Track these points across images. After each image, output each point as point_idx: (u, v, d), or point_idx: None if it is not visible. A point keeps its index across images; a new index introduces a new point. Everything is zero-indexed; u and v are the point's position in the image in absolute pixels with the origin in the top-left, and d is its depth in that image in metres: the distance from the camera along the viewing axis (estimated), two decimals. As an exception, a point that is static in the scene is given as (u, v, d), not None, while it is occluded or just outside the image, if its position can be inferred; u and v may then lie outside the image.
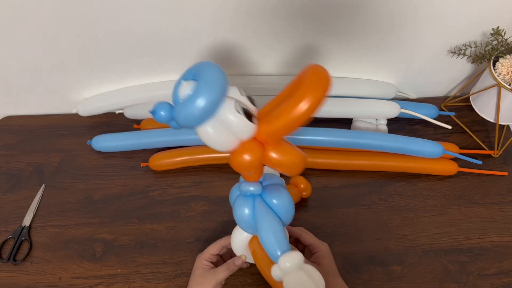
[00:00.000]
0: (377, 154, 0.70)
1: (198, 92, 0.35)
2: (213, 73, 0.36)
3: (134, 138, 0.72)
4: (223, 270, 0.51)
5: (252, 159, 0.39)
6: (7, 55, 0.68)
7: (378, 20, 0.65)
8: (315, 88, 0.35)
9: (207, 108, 0.36)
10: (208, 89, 0.35)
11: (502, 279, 0.59)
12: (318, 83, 0.35)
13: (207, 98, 0.35)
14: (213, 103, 0.36)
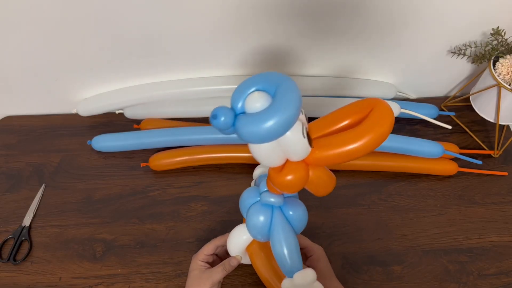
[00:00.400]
0: (377, 154, 0.70)
1: (274, 112, 0.32)
2: (292, 92, 0.33)
3: (134, 138, 0.72)
4: (219, 270, 0.51)
5: (296, 179, 0.38)
6: (7, 55, 0.68)
7: (378, 20, 0.65)
8: (380, 126, 0.32)
9: (278, 131, 0.33)
10: (286, 111, 0.32)
11: (502, 279, 0.59)
12: (384, 120, 0.32)
13: (282, 120, 0.32)
14: (286, 126, 0.33)
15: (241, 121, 0.33)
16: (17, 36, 0.64)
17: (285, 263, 0.45)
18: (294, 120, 0.33)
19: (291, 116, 0.32)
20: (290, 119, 0.32)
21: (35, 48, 0.67)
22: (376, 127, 0.33)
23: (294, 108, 0.32)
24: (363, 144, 0.33)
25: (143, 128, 0.75)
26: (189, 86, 0.74)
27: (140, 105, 0.76)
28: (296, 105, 0.33)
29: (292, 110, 0.32)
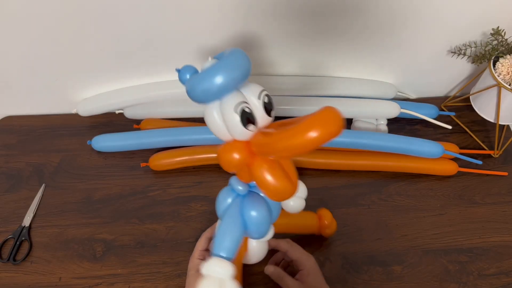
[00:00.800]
0: (377, 154, 0.70)
1: (210, 69, 0.37)
2: (231, 56, 0.37)
3: (134, 138, 0.72)
4: None
5: (233, 158, 0.39)
6: (7, 55, 0.68)
7: (378, 20, 0.65)
8: (324, 124, 0.32)
9: (210, 88, 0.37)
10: (219, 69, 0.36)
11: (502, 279, 0.59)
12: (328, 119, 0.32)
13: (220, 75, 0.36)
14: (218, 85, 0.37)
15: (193, 78, 0.39)
16: (17, 36, 0.64)
17: (216, 244, 0.44)
18: (226, 81, 0.36)
19: (224, 74, 0.36)
20: (222, 77, 0.36)
21: (35, 48, 0.67)
22: (322, 121, 0.32)
23: (226, 68, 0.37)
24: (306, 137, 0.32)
25: (143, 128, 0.75)
26: (189, 86, 0.74)
27: (140, 105, 0.76)
28: (233, 64, 0.37)
29: (224, 69, 0.36)
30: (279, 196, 0.40)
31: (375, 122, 0.75)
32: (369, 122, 0.75)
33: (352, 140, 0.68)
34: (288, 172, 0.39)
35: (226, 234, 0.44)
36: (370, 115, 0.74)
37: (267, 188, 0.39)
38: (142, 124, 0.76)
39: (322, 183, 0.70)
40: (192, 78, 0.39)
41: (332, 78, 0.76)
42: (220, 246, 0.43)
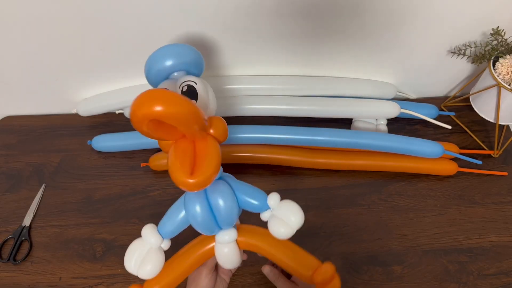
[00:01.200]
0: (377, 154, 0.70)
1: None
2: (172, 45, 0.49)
3: (134, 138, 0.72)
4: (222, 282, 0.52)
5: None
6: (7, 55, 0.68)
7: (378, 20, 0.65)
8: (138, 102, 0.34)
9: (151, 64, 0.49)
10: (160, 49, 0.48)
11: (502, 279, 0.59)
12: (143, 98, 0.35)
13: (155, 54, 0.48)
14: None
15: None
16: (17, 36, 0.64)
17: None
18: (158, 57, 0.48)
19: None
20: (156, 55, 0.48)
21: (35, 48, 0.67)
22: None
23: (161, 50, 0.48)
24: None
25: (143, 128, 0.75)
26: (189, 86, 0.74)
27: (140, 105, 0.75)
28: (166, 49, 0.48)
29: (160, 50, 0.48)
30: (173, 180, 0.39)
31: (375, 122, 0.75)
32: (369, 122, 0.75)
33: (352, 140, 0.68)
34: (196, 159, 0.39)
35: (171, 218, 0.47)
36: (370, 115, 0.74)
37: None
38: (142, 124, 0.75)
39: (322, 183, 0.70)
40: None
41: (332, 78, 0.76)
42: (164, 225, 0.47)
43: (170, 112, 0.34)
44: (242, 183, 0.47)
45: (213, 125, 0.42)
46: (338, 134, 0.68)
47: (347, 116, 0.74)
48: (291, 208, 0.46)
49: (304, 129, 0.69)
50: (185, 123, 0.36)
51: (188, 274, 0.50)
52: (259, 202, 0.46)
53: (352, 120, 0.76)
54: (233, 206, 0.45)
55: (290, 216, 0.46)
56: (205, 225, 0.45)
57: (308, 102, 0.73)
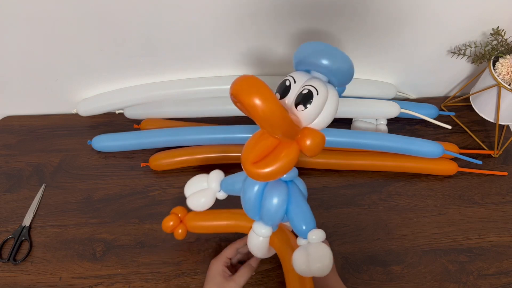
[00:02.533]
0: (377, 154, 0.70)
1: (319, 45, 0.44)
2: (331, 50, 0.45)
3: (134, 138, 0.72)
4: (244, 273, 0.52)
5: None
6: (7, 55, 0.68)
7: (378, 20, 0.65)
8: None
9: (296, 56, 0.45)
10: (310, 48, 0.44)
11: (502, 279, 0.59)
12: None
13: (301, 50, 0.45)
14: (296, 56, 0.45)
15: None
16: (17, 36, 0.64)
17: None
18: (298, 56, 0.44)
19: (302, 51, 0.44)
20: (299, 52, 0.45)
21: (35, 48, 0.67)
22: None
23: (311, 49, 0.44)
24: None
25: (143, 128, 0.75)
26: (189, 86, 0.74)
27: (140, 105, 0.76)
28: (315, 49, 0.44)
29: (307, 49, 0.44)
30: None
31: (375, 122, 0.75)
32: (369, 122, 0.75)
33: (352, 140, 0.68)
34: (270, 154, 0.41)
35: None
36: (370, 115, 0.74)
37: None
38: (142, 124, 0.76)
39: (322, 183, 0.70)
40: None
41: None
42: (226, 181, 0.52)
43: (255, 107, 0.35)
44: (303, 200, 0.48)
45: (305, 137, 0.41)
46: (338, 134, 0.68)
47: (347, 116, 0.74)
48: (323, 255, 0.44)
49: (304, 129, 0.69)
50: (268, 126, 0.38)
51: (218, 231, 0.60)
52: (303, 224, 0.46)
53: (352, 120, 0.76)
54: (278, 211, 0.47)
55: (316, 262, 0.43)
56: (249, 209, 0.49)
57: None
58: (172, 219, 0.57)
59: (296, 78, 0.42)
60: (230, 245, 0.55)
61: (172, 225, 0.57)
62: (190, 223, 0.58)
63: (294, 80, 0.42)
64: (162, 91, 0.74)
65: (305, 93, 0.40)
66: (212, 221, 0.58)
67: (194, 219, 0.58)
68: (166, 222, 0.57)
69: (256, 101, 0.35)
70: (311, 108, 0.40)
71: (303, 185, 0.51)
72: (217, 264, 0.52)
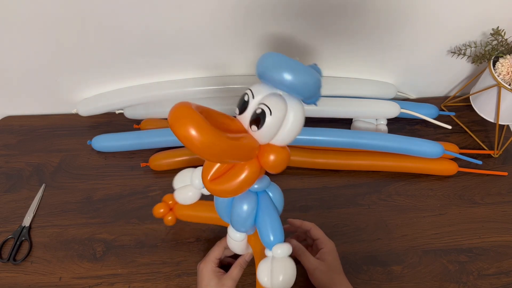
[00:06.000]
0: (377, 154, 0.70)
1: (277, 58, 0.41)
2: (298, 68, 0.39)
3: (134, 138, 0.72)
4: (235, 268, 0.52)
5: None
6: (7, 55, 0.68)
7: (378, 20, 0.65)
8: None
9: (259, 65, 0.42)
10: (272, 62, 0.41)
11: (502, 279, 0.59)
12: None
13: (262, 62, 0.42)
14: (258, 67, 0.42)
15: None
16: (17, 36, 0.64)
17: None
18: (260, 68, 0.40)
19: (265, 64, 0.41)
20: (261, 63, 0.42)
21: (35, 48, 0.67)
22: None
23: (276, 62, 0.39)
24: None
25: (143, 128, 0.75)
26: (189, 86, 0.74)
27: (140, 105, 0.76)
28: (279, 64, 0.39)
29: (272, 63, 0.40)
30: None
31: (375, 122, 0.75)
32: (369, 122, 0.75)
33: (352, 140, 0.68)
34: (228, 171, 0.40)
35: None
36: (370, 115, 0.74)
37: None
38: (142, 124, 0.76)
39: (322, 183, 0.70)
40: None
41: (332, 78, 0.76)
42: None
43: (200, 148, 0.33)
44: (274, 211, 0.47)
45: (264, 154, 0.39)
46: (338, 134, 0.68)
47: (347, 116, 0.74)
48: (287, 269, 0.44)
49: (304, 129, 0.68)
50: (208, 157, 0.36)
51: (205, 222, 0.62)
52: (268, 236, 0.46)
53: (352, 120, 0.76)
54: (247, 219, 0.46)
55: (279, 275, 0.44)
56: (222, 213, 0.50)
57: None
58: (162, 207, 0.59)
59: (255, 92, 0.39)
60: (216, 244, 0.55)
61: (163, 212, 0.59)
62: (179, 212, 0.60)
63: (252, 95, 0.39)
64: (162, 91, 0.74)
65: (259, 112, 0.37)
66: (201, 212, 0.60)
67: (183, 208, 0.60)
68: (156, 208, 0.59)
69: (191, 133, 0.32)
70: (265, 129, 0.37)
71: (279, 195, 0.49)
72: (207, 266, 0.52)
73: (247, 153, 0.38)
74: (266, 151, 0.39)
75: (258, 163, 0.40)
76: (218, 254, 0.54)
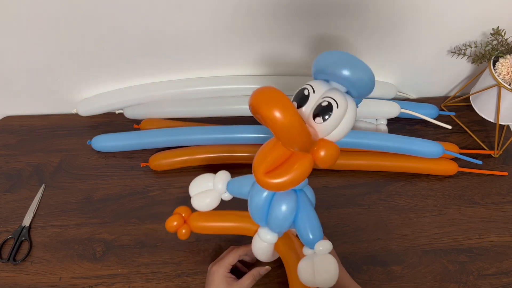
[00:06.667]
0: (377, 154, 0.70)
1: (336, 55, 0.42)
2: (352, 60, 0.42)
3: (134, 138, 0.72)
4: (248, 279, 0.52)
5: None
6: (7, 55, 0.68)
7: (378, 20, 0.65)
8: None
9: (315, 64, 0.43)
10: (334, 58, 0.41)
11: (502, 279, 0.59)
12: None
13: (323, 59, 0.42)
14: (316, 64, 0.43)
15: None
16: (17, 36, 0.64)
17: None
18: (320, 65, 0.42)
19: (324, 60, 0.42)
20: (320, 60, 0.42)
21: (35, 48, 0.67)
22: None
23: (334, 58, 0.41)
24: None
25: (143, 128, 0.75)
26: (189, 86, 0.74)
27: (140, 105, 0.76)
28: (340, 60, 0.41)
29: (330, 58, 0.42)
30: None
31: (375, 122, 0.75)
32: (369, 122, 0.75)
33: (352, 140, 0.68)
34: (282, 165, 0.40)
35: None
36: (370, 115, 0.74)
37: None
38: (142, 124, 0.76)
39: (322, 183, 0.70)
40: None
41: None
42: (233, 183, 0.51)
43: (275, 120, 0.35)
44: (312, 209, 0.48)
45: (320, 149, 0.40)
46: (338, 134, 0.68)
47: (347, 116, 0.74)
48: (330, 266, 0.44)
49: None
50: (286, 139, 0.37)
51: (223, 233, 0.58)
52: (310, 234, 0.46)
53: (352, 120, 0.76)
54: (286, 219, 0.47)
55: (322, 272, 0.44)
56: (256, 214, 0.48)
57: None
58: (176, 219, 0.55)
59: (315, 87, 0.41)
60: (234, 251, 0.54)
61: (176, 225, 0.55)
62: (194, 224, 0.56)
63: (313, 90, 0.40)
64: (162, 91, 0.74)
65: (325, 105, 0.39)
66: (217, 222, 0.56)
67: (198, 220, 0.56)
68: (169, 222, 0.55)
69: (276, 114, 0.34)
70: (330, 121, 0.39)
71: (311, 193, 0.50)
72: (220, 270, 0.52)
73: (311, 142, 0.39)
74: (321, 146, 0.40)
75: (313, 157, 0.40)
76: (233, 261, 0.53)
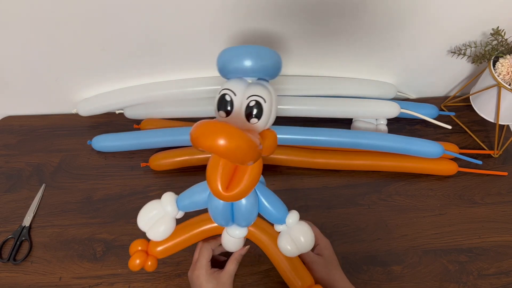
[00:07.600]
0: (377, 154, 0.70)
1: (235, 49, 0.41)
2: (256, 49, 0.41)
3: (134, 138, 0.72)
4: (232, 264, 0.52)
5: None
6: (7, 55, 0.68)
7: (378, 20, 0.65)
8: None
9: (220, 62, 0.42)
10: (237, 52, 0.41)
11: (502, 279, 0.59)
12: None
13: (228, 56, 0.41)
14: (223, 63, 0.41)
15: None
16: (17, 36, 0.64)
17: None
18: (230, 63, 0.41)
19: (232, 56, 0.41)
20: (225, 57, 0.41)
21: (35, 48, 0.67)
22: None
23: (237, 52, 0.40)
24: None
25: (143, 128, 0.75)
26: (189, 86, 0.74)
27: (140, 105, 0.76)
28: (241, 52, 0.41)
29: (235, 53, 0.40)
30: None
31: (375, 122, 0.75)
32: (369, 122, 0.75)
33: (352, 140, 0.68)
34: (235, 173, 0.40)
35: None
36: (370, 115, 0.74)
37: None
38: (142, 124, 0.76)
39: (322, 183, 0.70)
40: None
41: (332, 78, 0.76)
42: (183, 199, 0.48)
43: (232, 149, 0.34)
44: (269, 191, 0.48)
45: (263, 140, 0.40)
46: (338, 134, 0.68)
47: (347, 116, 0.74)
48: (304, 231, 0.47)
49: (304, 129, 0.69)
50: (241, 160, 0.36)
51: (188, 245, 0.54)
52: (278, 214, 0.47)
53: (352, 120, 0.76)
54: (254, 209, 0.46)
55: (300, 237, 0.47)
56: (222, 218, 0.47)
57: (308, 102, 0.73)
58: (137, 257, 0.51)
59: (235, 90, 0.40)
60: (205, 248, 0.53)
61: (140, 262, 0.51)
62: (157, 251, 0.53)
63: (233, 93, 0.40)
64: (162, 91, 0.74)
65: (253, 105, 0.39)
66: (179, 237, 0.53)
67: (159, 245, 0.53)
68: (132, 262, 0.51)
69: (220, 143, 0.33)
70: (264, 117, 0.40)
71: (262, 180, 0.50)
72: (201, 271, 0.51)
73: (259, 152, 0.38)
74: (265, 137, 0.40)
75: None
76: (208, 257, 0.52)
